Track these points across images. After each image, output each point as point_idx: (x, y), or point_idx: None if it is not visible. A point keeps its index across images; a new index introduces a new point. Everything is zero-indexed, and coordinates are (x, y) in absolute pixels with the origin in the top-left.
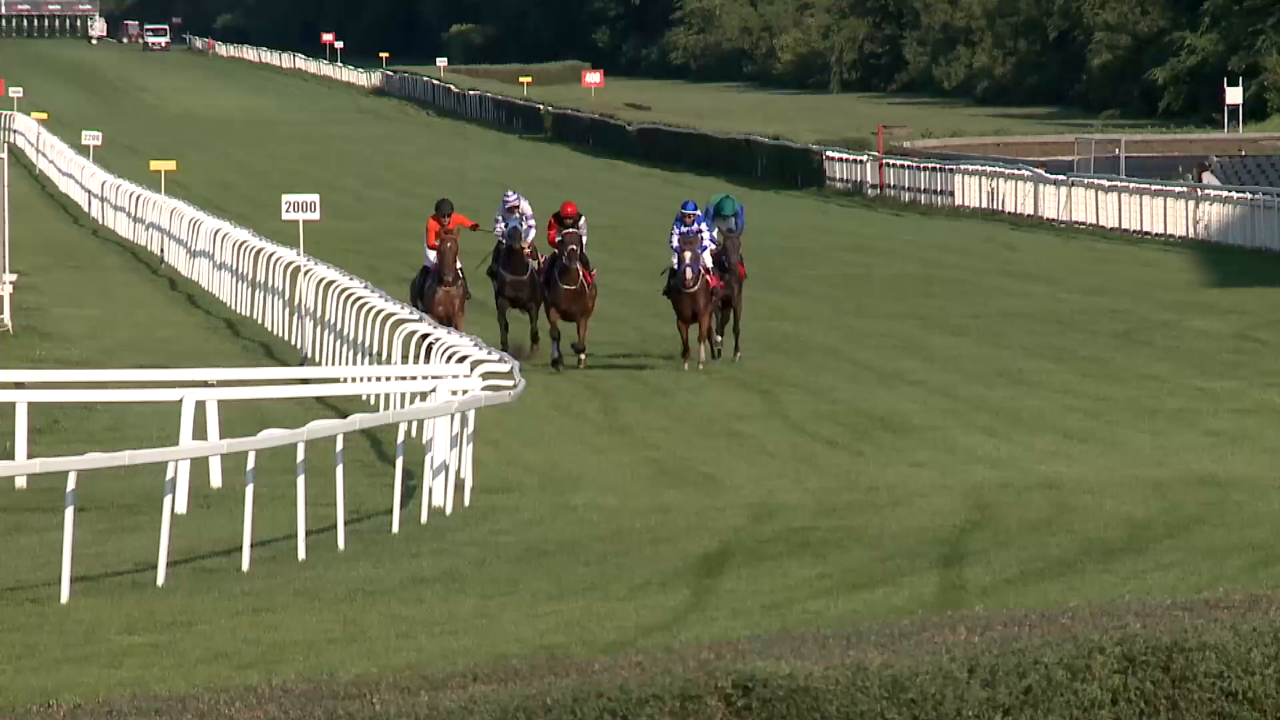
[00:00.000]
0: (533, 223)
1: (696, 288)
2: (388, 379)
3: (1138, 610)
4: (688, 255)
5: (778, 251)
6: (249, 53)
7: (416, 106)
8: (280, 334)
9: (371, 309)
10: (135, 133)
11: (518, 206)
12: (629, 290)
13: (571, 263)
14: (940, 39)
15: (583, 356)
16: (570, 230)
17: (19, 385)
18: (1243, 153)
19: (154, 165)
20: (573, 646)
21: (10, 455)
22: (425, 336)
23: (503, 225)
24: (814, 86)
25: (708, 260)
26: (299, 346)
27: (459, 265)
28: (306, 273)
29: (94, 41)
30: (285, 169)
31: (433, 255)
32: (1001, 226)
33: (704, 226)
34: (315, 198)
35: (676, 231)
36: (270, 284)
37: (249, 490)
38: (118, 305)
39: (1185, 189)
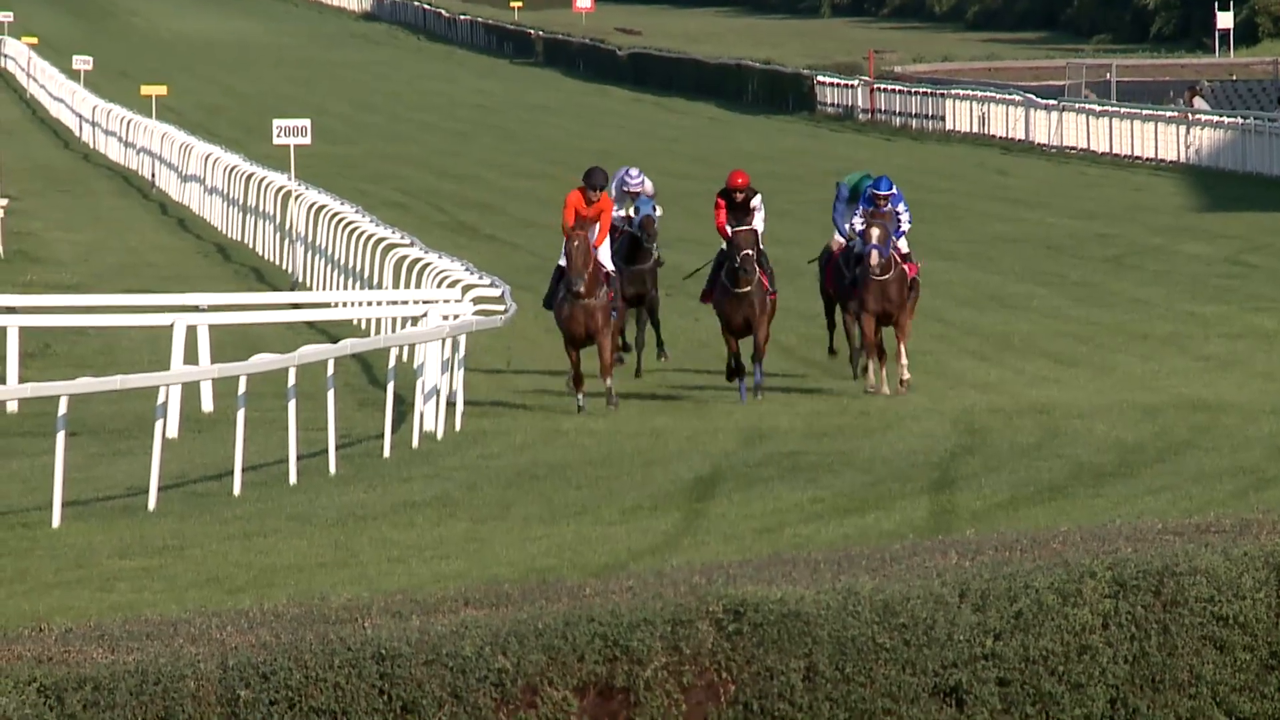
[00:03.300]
0: (656, 204)
1: (890, 274)
2: (379, 304)
3: (1128, 535)
4: (875, 233)
5: (769, 176)
6: None
7: (407, 31)
8: (271, 259)
9: (362, 234)
10: (126, 57)
11: (642, 190)
12: None
13: (745, 269)
14: None
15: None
16: (743, 229)
17: (10, 310)
18: (1233, 77)
19: (145, 90)
20: (564, 570)
21: (1, 380)
22: (417, 261)
23: (622, 212)
24: (804, 11)
25: (903, 245)
26: (290, 271)
27: (603, 269)
28: (297, 197)
29: None
30: (276, 93)
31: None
32: (992, 151)
33: (902, 208)
34: (306, 122)
35: (861, 209)
36: (261, 209)
37: (240, 415)
38: (109, 230)
39: (1176, 114)
